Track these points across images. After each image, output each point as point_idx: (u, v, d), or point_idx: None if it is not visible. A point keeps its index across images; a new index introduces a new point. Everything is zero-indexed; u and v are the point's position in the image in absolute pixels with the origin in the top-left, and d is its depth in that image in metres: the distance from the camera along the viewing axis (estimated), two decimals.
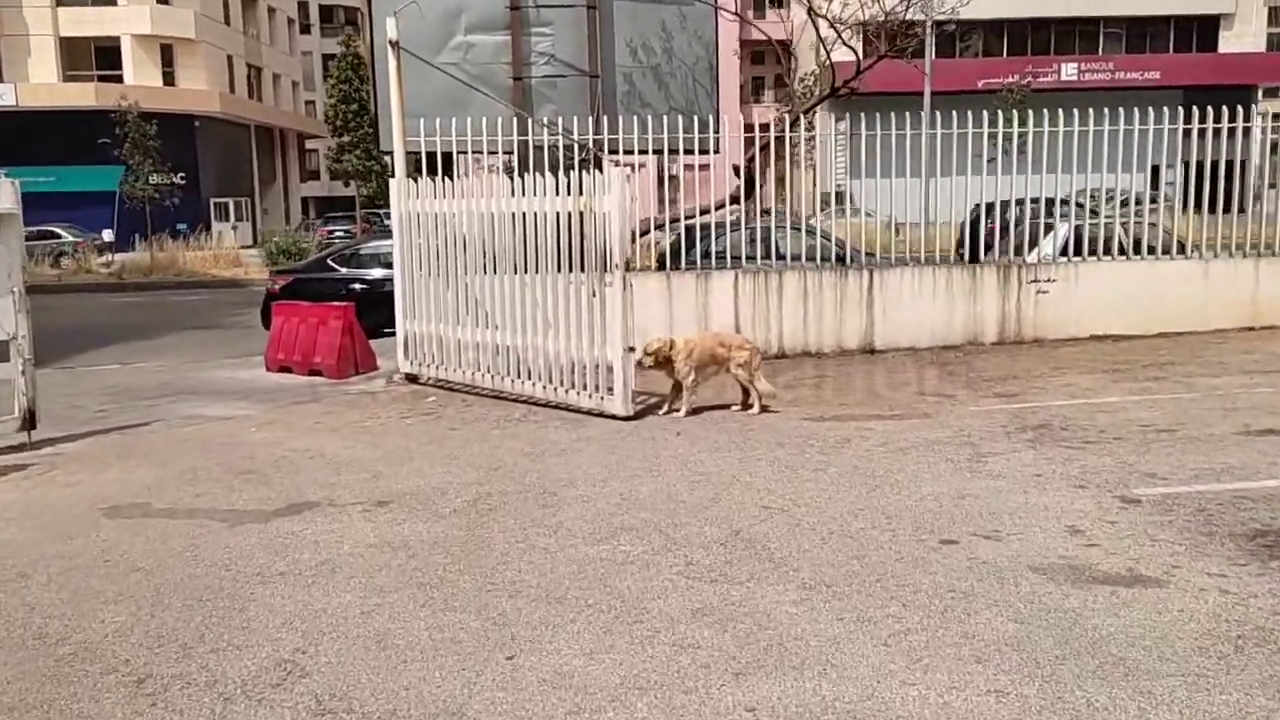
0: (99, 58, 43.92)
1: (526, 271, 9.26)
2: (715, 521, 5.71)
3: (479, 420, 8.79)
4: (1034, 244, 12.06)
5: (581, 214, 8.74)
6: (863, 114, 11.43)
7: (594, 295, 8.70)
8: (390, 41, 10.61)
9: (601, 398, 8.67)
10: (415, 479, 6.92)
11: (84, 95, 39.79)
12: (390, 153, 11.35)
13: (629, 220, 12.38)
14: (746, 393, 8.70)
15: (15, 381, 8.10)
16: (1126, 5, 41.76)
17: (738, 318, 11.20)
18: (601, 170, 11.94)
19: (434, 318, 10.21)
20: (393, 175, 10.87)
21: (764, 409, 8.56)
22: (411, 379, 10.66)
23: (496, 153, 11.40)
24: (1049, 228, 12.25)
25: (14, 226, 8.02)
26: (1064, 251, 11.96)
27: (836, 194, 21.99)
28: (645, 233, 12.20)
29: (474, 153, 11.20)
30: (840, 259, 12.20)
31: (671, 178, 12.10)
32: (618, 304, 8.54)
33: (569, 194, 8.83)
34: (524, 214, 9.24)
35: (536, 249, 9.17)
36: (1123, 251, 11.87)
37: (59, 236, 33.77)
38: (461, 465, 7.27)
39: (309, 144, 61.30)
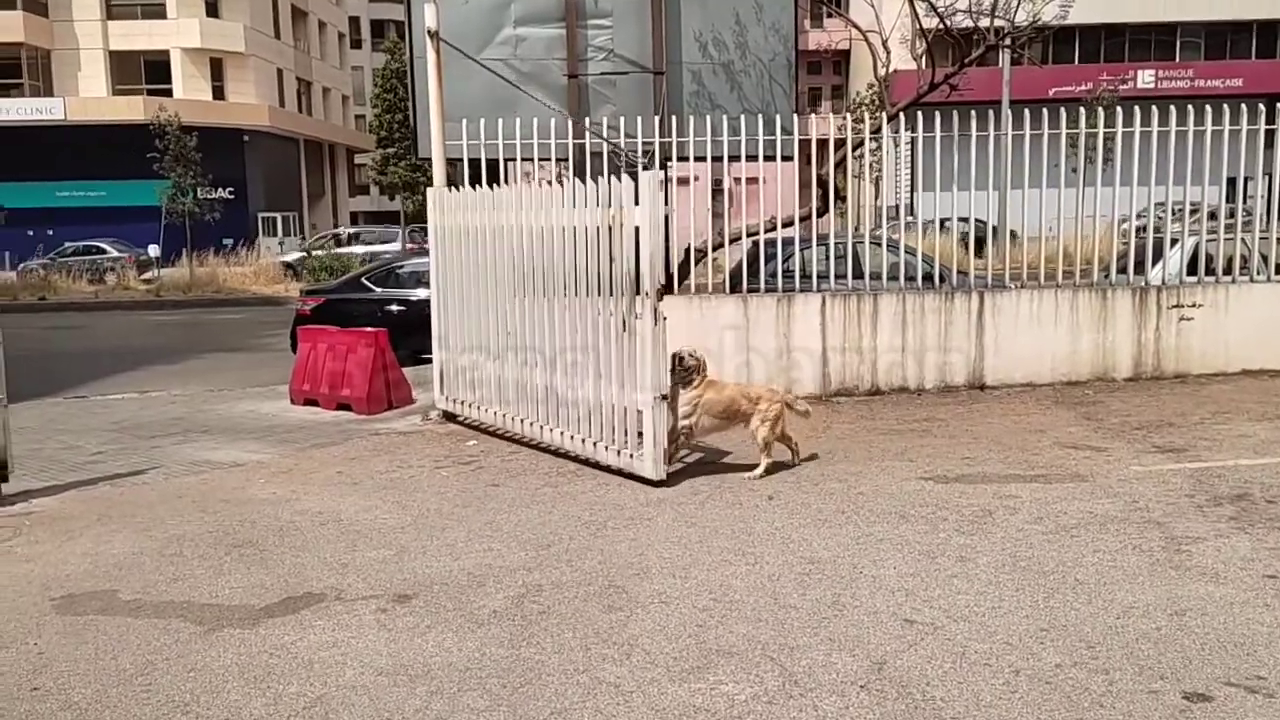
0: (149, 72, 43.55)
1: (550, 297, 7.73)
2: (845, 644, 4.21)
3: (526, 473, 7.38)
4: (1156, 260, 10.40)
5: (611, 229, 7.05)
6: (921, 125, 9.88)
7: (623, 328, 6.93)
8: (429, 32, 9.30)
9: (630, 455, 7.00)
10: (447, 558, 5.51)
11: (132, 109, 39.26)
12: (429, 159, 10.04)
13: (676, 234, 11.03)
14: (779, 447, 7.22)
15: None
16: (1206, 10, 39.74)
17: (825, 347, 9.69)
18: (665, 179, 10.64)
19: (469, 347, 8.84)
20: (432, 185, 9.56)
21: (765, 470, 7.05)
22: (449, 417, 9.30)
23: (549, 159, 10.03)
24: (1173, 241, 10.59)
25: None
26: (1191, 270, 10.30)
27: (899, 207, 20.37)
28: (718, 247, 10.73)
29: (523, 159, 9.84)
30: (930, 278, 10.66)
31: (745, 184, 10.64)
32: (648, 340, 6.74)
33: (596, 204, 7.12)
34: (546, 228, 7.74)
35: (561, 270, 7.56)
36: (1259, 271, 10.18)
37: (104, 252, 33.15)
38: (505, 539, 5.85)
39: (358, 158, 60.78)
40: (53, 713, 3.84)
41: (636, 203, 6.78)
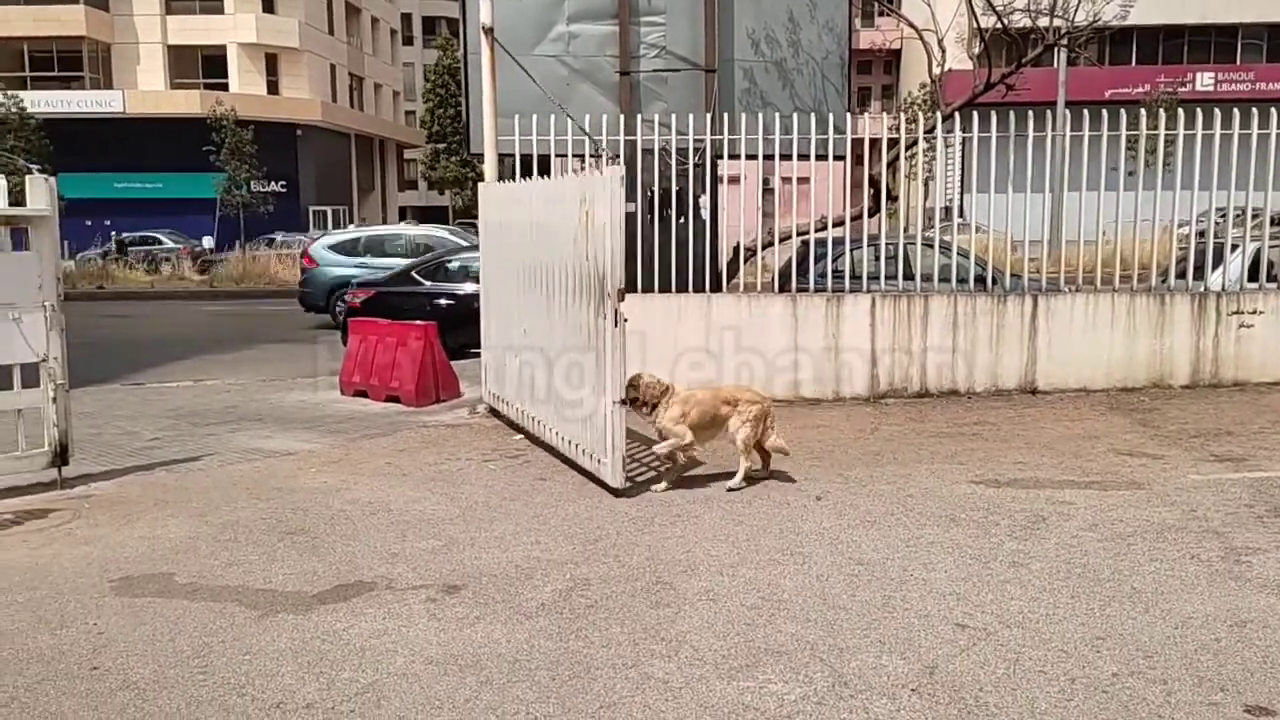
0: (205, 66, 44.32)
1: (548, 295, 7.60)
2: (895, 646, 4.17)
3: (573, 468, 7.40)
4: (1215, 266, 10.15)
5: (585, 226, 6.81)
6: (976, 125, 9.72)
7: (593, 330, 6.68)
8: (483, 28, 9.35)
9: (599, 461, 6.75)
10: (495, 550, 5.55)
11: (189, 103, 39.99)
12: (481, 155, 10.09)
13: (725, 233, 11.00)
14: (765, 454, 6.91)
15: (45, 410, 7.00)
16: (1270, 11, 38.75)
17: (874, 348, 9.60)
18: (714, 177, 10.60)
19: (502, 344, 8.90)
20: (482, 180, 9.62)
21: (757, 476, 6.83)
22: (494, 412, 9.35)
23: (600, 155, 10.04)
24: (1233, 247, 10.34)
25: (47, 230, 6.93)
26: (1251, 277, 10.06)
27: (948, 208, 20.14)
28: (766, 246, 10.68)
29: (575, 155, 9.87)
30: (982, 280, 10.51)
31: (794, 183, 10.55)
32: (608, 343, 6.45)
33: (578, 201, 6.85)
34: (541, 223, 7.66)
35: (556, 268, 7.38)
36: None
37: (160, 242, 33.81)
38: (553, 532, 5.87)
39: (407, 153, 61.34)
40: (112, 691, 3.92)
41: (598, 199, 6.53)
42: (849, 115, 10.10)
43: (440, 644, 4.32)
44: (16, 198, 7.05)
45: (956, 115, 10.49)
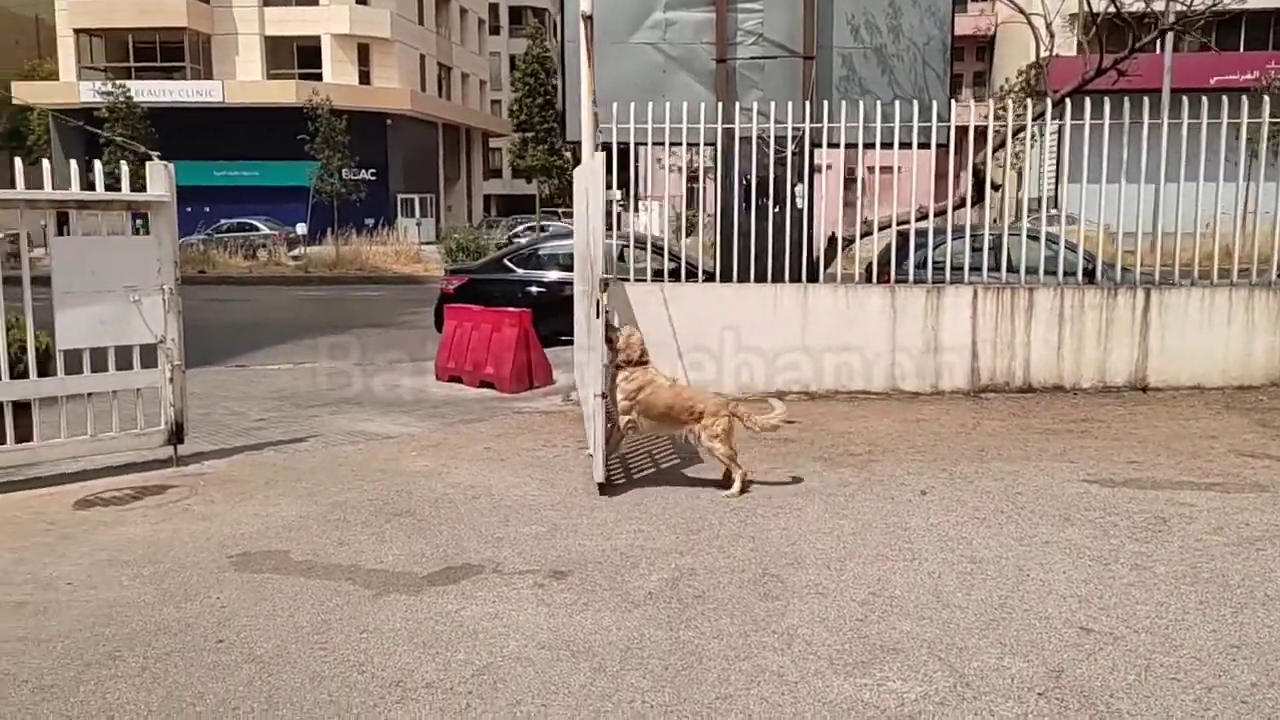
0: (300, 56, 45.42)
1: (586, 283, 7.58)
2: (1017, 648, 4.06)
3: (670, 457, 7.39)
4: None
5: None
6: (1086, 112, 9.35)
7: (588, 319, 6.54)
8: (582, 15, 9.35)
9: (589, 454, 6.66)
10: (598, 538, 5.56)
11: (285, 93, 41.03)
12: (577, 143, 10.12)
13: (823, 222, 10.82)
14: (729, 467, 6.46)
15: (162, 390, 7.24)
16: None
17: (975, 341, 9.38)
18: (811, 166, 10.46)
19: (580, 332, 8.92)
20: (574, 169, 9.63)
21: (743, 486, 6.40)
22: None
23: (697, 144, 10.00)
24: None
25: (166, 216, 7.16)
26: None
27: (1043, 199, 19.52)
28: (864, 236, 10.50)
29: (672, 144, 9.82)
30: (1089, 273, 10.19)
31: (888, 172, 10.35)
32: (591, 333, 6.38)
33: (583, 187, 6.76)
34: (580, 210, 7.60)
35: (581, 254, 7.34)
36: None
37: (256, 229, 34.79)
38: (654, 521, 5.86)
39: (493, 142, 62.05)
40: (237, 664, 4.02)
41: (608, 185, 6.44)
42: (953, 102, 9.84)
43: (551, 629, 4.34)
44: (136, 183, 7.27)
45: (1060, 102, 10.17)
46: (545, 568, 5.10)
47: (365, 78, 45.66)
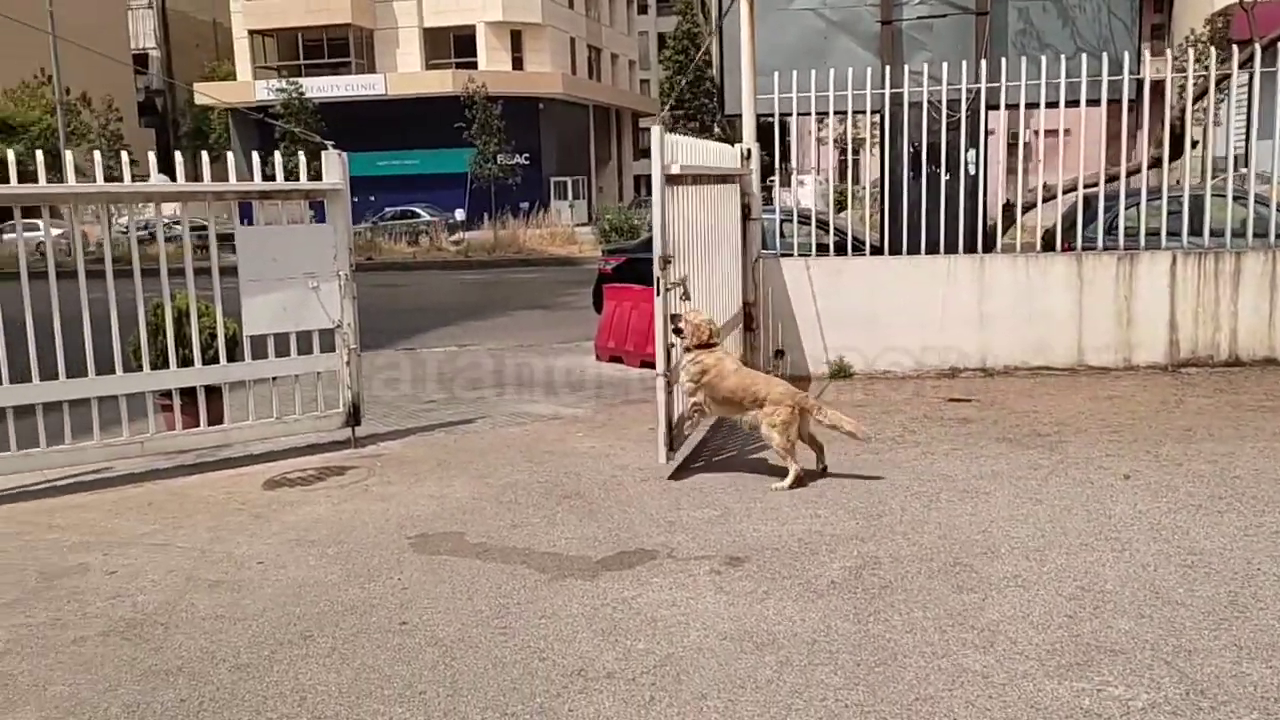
0: (456, 46, 46.63)
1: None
2: (1255, 652, 3.64)
3: (842, 438, 7.04)
4: None
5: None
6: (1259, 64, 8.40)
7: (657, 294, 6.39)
8: None
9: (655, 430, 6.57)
10: (773, 523, 5.36)
11: (443, 82, 42.21)
12: (737, 116, 9.87)
13: (1000, 188, 10.18)
14: (819, 450, 6.27)
15: (340, 373, 7.45)
16: None
17: (1174, 312, 8.66)
18: (985, 130, 9.86)
19: None
20: (734, 143, 9.37)
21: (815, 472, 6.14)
22: None
23: (862, 111, 9.59)
24: None
25: (341, 204, 7.34)
26: None
27: (1235, 156, 17.94)
28: (1046, 200, 9.84)
29: (836, 112, 9.44)
30: None
31: (1065, 133, 9.64)
32: (658, 312, 6.32)
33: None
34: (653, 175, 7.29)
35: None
36: None
37: (418, 216, 35.99)
38: (831, 505, 5.62)
39: (642, 122, 62.23)
40: (421, 647, 4.03)
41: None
42: (1145, 54, 9.08)
43: (732, 618, 4.17)
44: (312, 174, 7.48)
45: (1257, 52, 9.22)
46: (721, 553, 4.94)
47: (518, 63, 46.50)
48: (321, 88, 41.82)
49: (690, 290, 6.75)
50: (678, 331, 6.34)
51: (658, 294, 6.32)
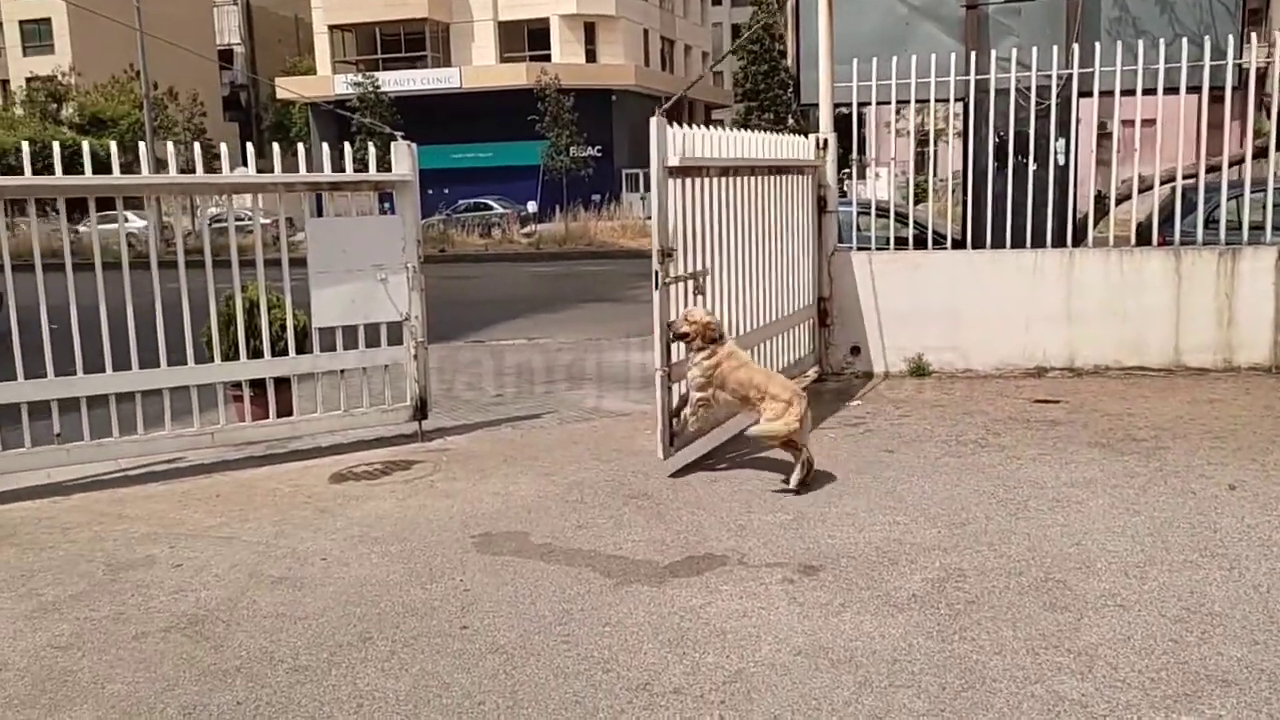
0: (530, 39, 46.78)
1: None
2: None
3: (923, 440, 6.80)
4: None
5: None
6: None
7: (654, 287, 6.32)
8: None
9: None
10: (849, 530, 5.12)
11: (516, 75, 42.38)
12: (814, 106, 9.58)
13: (1092, 180, 9.69)
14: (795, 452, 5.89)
15: (407, 366, 7.38)
16: None
17: (1279, 312, 8.15)
18: (1076, 118, 9.40)
19: None
20: (808, 134, 9.07)
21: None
22: (829, 374, 8.90)
23: (945, 100, 9.22)
24: None
25: (410, 195, 7.26)
26: None
27: None
28: (1145, 189, 9.36)
29: (919, 100, 9.08)
30: None
31: (1151, 124, 9.14)
32: (657, 305, 6.24)
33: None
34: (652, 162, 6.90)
35: None
36: None
37: (491, 208, 36.20)
38: (910, 511, 5.35)
39: (715, 113, 61.76)
40: (482, 654, 3.89)
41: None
42: (1255, 39, 8.57)
43: (806, 632, 3.96)
44: (382, 166, 7.43)
45: None
46: (794, 561, 4.72)
47: (591, 56, 46.49)
48: (398, 81, 42.29)
49: (704, 285, 6.65)
50: (680, 336, 6.22)
51: (655, 288, 6.21)
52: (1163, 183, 9.17)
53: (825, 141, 8.88)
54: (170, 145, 6.91)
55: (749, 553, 4.86)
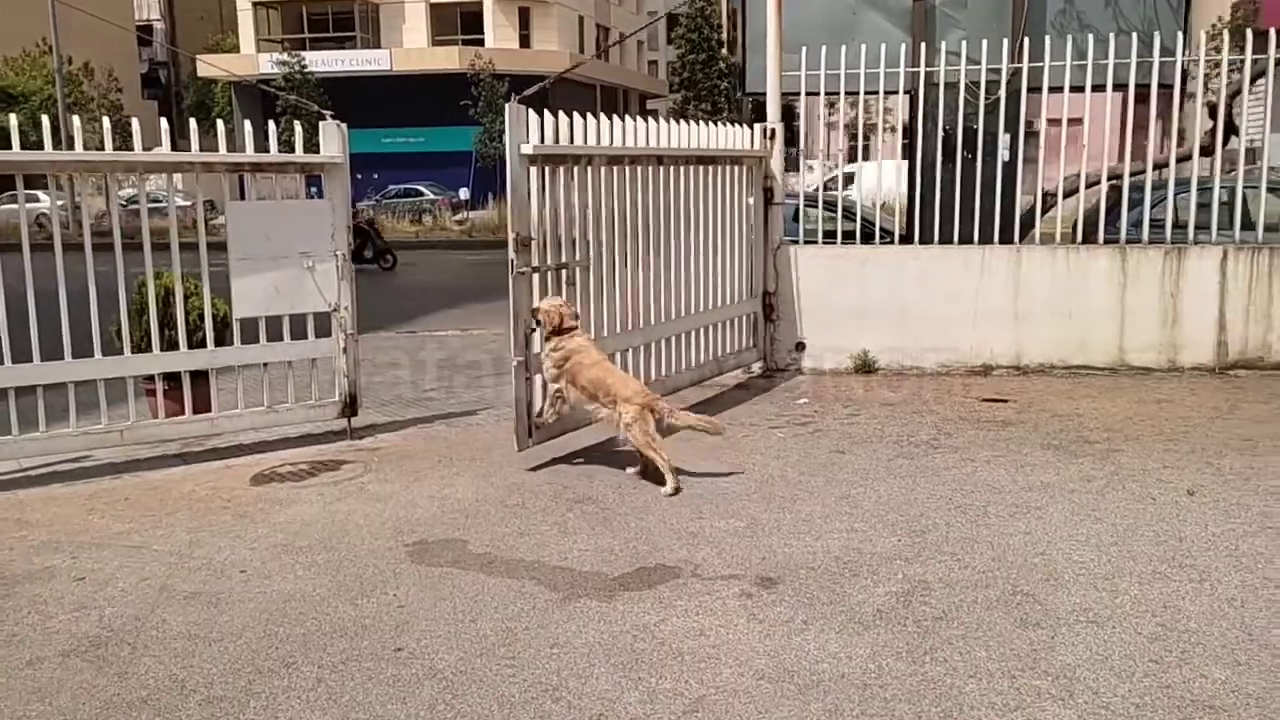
0: (463, 22, 45.87)
1: None
2: None
3: (874, 440, 6.61)
4: None
5: None
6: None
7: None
8: None
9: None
10: (806, 538, 4.88)
11: (449, 59, 41.48)
12: (759, 95, 9.36)
13: (1041, 178, 9.67)
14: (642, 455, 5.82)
15: (336, 360, 6.96)
16: None
17: (1223, 310, 8.16)
18: (1021, 115, 9.33)
19: None
20: (752, 125, 8.82)
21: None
22: (774, 369, 8.69)
23: (894, 91, 9.07)
24: None
25: (339, 178, 6.83)
26: None
27: (1251, 149, 17.37)
28: (1093, 185, 9.31)
29: (868, 92, 8.89)
30: None
31: (1078, 123, 9.12)
32: (511, 294, 6.10)
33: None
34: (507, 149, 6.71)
35: None
36: None
37: (421, 194, 35.42)
38: (867, 518, 5.14)
39: (650, 103, 61.48)
40: (418, 680, 3.56)
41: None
42: (1186, 36, 8.56)
43: (768, 653, 3.70)
44: (310, 147, 6.98)
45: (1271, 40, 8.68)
46: (750, 573, 4.47)
47: (525, 41, 45.79)
48: (325, 62, 41.09)
49: (575, 276, 6.47)
50: (539, 322, 6.02)
51: (510, 277, 6.02)
52: (1109, 179, 9.12)
53: (773, 131, 8.64)
54: (76, 120, 6.37)
55: (702, 563, 4.59)
